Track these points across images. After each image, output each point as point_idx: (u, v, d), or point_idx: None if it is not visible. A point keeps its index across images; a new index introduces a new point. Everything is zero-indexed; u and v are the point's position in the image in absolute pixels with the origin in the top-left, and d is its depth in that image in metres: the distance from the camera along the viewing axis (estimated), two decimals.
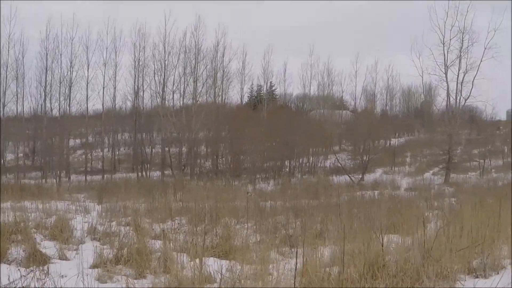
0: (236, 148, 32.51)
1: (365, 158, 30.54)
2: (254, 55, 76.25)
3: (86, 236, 7.99)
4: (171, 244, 6.58)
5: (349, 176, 28.72)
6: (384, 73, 48.94)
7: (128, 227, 8.78)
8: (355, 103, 48.18)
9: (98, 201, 15.14)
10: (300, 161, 34.89)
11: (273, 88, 47.24)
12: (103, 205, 13.88)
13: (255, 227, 9.58)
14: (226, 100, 39.69)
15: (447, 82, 26.82)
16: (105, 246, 6.96)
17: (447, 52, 26.67)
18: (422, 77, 27.24)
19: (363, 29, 75.61)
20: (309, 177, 31.80)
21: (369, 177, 29.69)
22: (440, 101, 29.42)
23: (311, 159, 36.24)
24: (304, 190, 21.55)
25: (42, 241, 7.29)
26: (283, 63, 56.93)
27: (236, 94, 42.63)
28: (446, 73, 26.73)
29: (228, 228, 6.98)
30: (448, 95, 27.34)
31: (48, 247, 6.78)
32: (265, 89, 47.79)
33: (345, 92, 47.87)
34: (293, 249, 6.88)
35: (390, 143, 41.91)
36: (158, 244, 6.91)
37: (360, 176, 29.33)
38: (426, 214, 10.66)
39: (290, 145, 33.26)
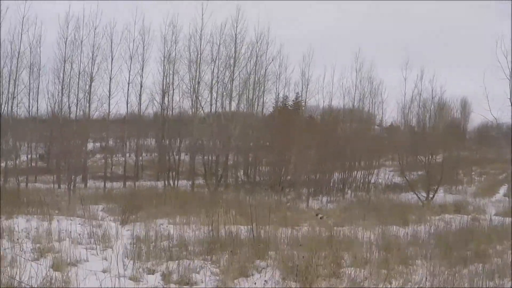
0: (279, 157, 27.86)
1: (429, 173, 25.86)
2: (290, 58, 71.56)
3: None
4: None
5: (416, 194, 23.93)
6: (428, 85, 44.06)
7: None
8: (403, 114, 43.31)
9: (121, 220, 10.75)
10: (352, 175, 30.19)
11: (300, 99, 42.20)
12: (128, 227, 9.53)
13: None
14: (263, 105, 35.06)
15: None
16: None
17: None
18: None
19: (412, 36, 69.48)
20: (362, 194, 27.21)
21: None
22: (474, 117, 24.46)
23: (360, 173, 31.51)
24: (377, 211, 16.84)
25: None
26: (323, 68, 51.27)
27: (269, 101, 37.77)
28: None
29: None
30: None
31: None
32: (291, 100, 43.24)
33: (384, 103, 43.36)
34: None
35: (435, 159, 37.17)
36: None
37: (426, 196, 24.55)
38: None
39: (339, 156, 28.67)
